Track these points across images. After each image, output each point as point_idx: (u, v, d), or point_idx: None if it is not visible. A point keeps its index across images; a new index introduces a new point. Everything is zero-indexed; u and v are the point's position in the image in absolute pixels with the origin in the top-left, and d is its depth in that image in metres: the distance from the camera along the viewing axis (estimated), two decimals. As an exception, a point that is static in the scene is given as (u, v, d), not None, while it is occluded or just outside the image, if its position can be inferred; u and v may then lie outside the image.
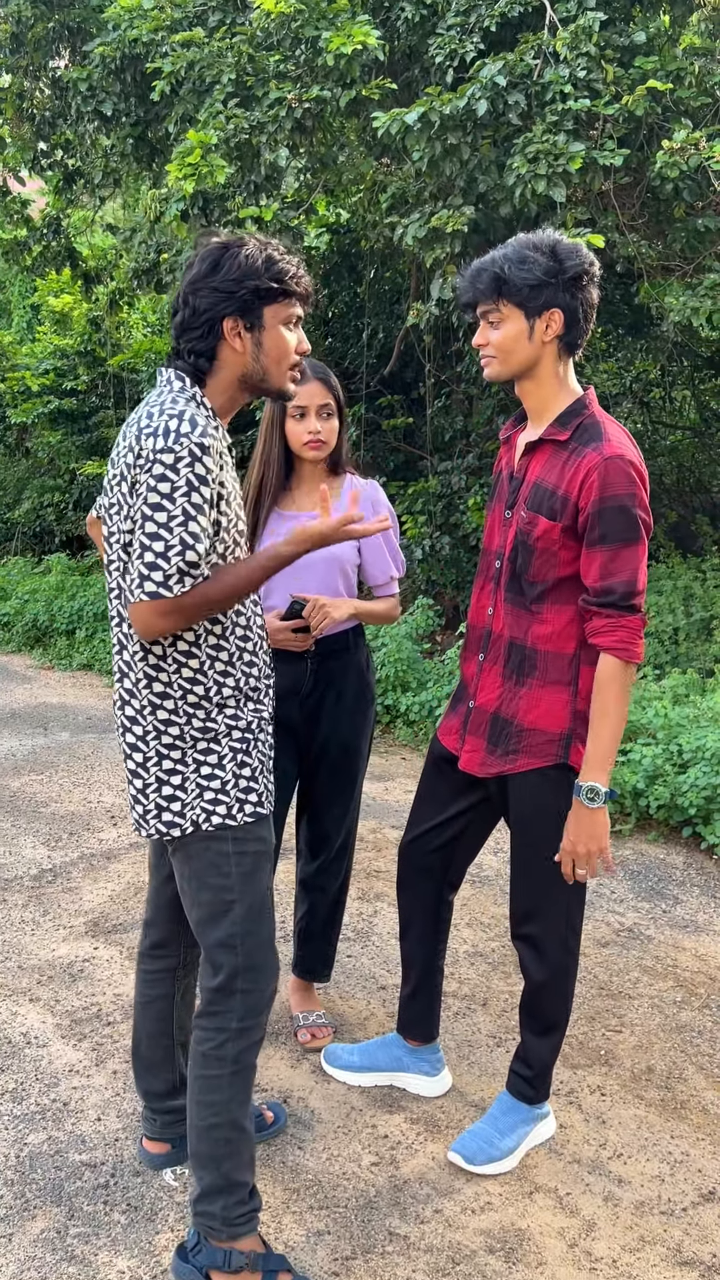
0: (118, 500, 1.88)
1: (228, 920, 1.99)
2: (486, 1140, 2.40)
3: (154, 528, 1.79)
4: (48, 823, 4.45)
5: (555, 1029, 2.41)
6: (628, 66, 5.35)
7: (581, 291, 2.18)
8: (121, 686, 1.98)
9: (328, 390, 2.57)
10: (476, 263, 2.22)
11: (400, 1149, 2.45)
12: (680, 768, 4.50)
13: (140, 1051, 2.31)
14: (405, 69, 6.33)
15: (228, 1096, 2.01)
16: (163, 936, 2.28)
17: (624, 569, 2.11)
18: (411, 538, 7.71)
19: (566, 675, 2.24)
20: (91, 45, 6.45)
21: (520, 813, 2.31)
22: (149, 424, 1.82)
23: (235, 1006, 2.01)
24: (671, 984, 3.25)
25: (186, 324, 1.91)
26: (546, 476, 2.21)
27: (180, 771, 1.95)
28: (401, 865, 2.59)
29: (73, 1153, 2.41)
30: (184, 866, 2.01)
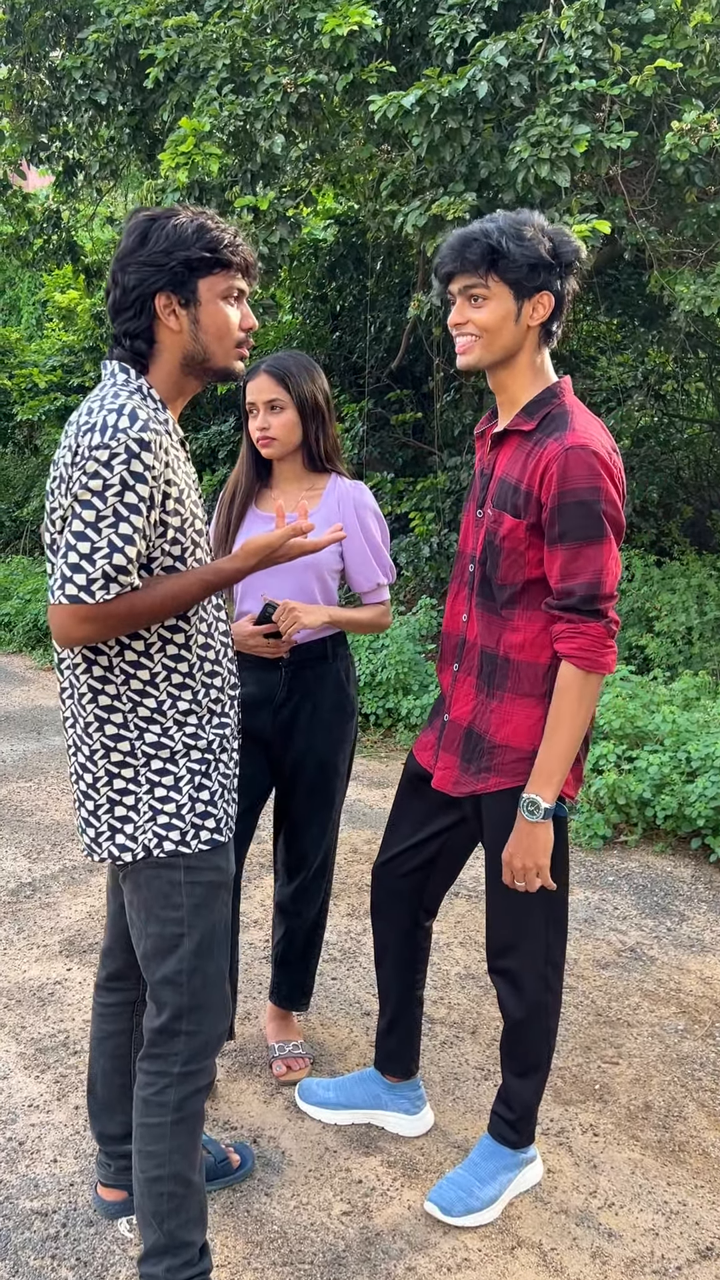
0: (58, 504, 1.72)
1: (175, 956, 1.83)
2: (465, 1189, 2.24)
3: (80, 526, 1.63)
4: (31, 833, 4.31)
5: (536, 1069, 2.24)
6: (635, 45, 5.15)
7: (568, 279, 2.01)
8: (71, 702, 1.82)
9: (277, 383, 2.41)
10: (462, 231, 1.99)
11: (375, 1196, 2.29)
12: (689, 776, 4.31)
13: (95, 1091, 2.16)
14: (406, 52, 6.15)
15: (170, 1147, 1.85)
16: (120, 967, 2.12)
17: (585, 569, 1.93)
18: (420, 535, 7.54)
19: (540, 688, 2.06)
20: (86, 32, 6.31)
21: (493, 836, 2.14)
22: (87, 420, 1.67)
23: (179, 1049, 1.85)
24: (674, 1010, 3.07)
25: (118, 304, 1.76)
26: (511, 471, 2.03)
27: (133, 792, 1.80)
28: (375, 889, 2.42)
29: (24, 1199, 2.26)
30: (133, 895, 1.85)
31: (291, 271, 8.87)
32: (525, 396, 2.06)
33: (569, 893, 2.19)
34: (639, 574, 6.84)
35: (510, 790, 2.08)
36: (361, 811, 4.65)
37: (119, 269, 1.75)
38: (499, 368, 2.05)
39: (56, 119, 7.47)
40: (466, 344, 2.02)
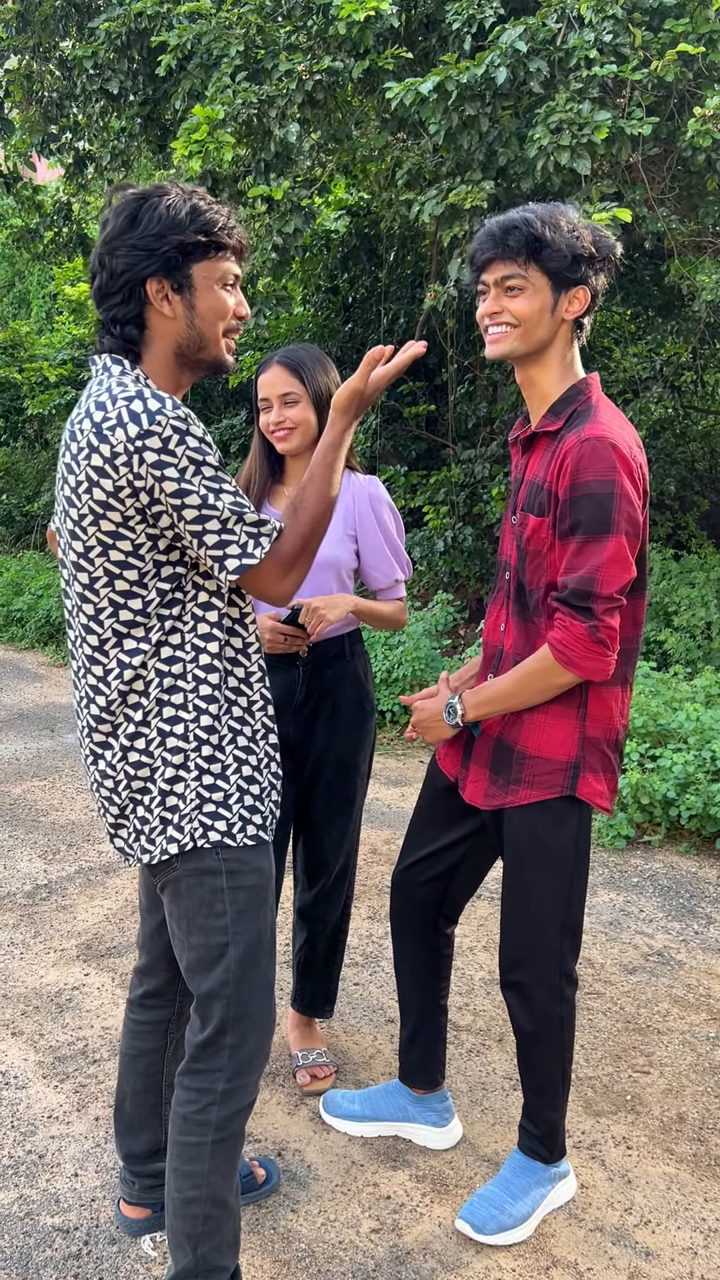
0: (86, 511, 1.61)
1: (220, 966, 1.75)
2: (498, 1206, 2.17)
3: (194, 512, 1.58)
4: (46, 833, 4.26)
5: (553, 1085, 2.16)
6: (656, 30, 5.05)
7: (603, 275, 1.96)
8: (96, 706, 1.72)
9: (292, 375, 2.36)
10: (502, 218, 1.92)
11: (404, 1213, 2.23)
12: (714, 775, 4.23)
13: (123, 1109, 2.09)
14: (422, 38, 6.05)
15: (209, 1168, 1.78)
16: (158, 985, 2.05)
17: (582, 565, 1.86)
18: (434, 528, 7.46)
19: (574, 698, 1.99)
20: (96, 21, 6.22)
21: (514, 846, 2.07)
22: (107, 416, 1.58)
23: (223, 1064, 1.78)
24: (705, 1017, 3.00)
25: (105, 289, 1.67)
26: (539, 472, 1.97)
27: (182, 779, 1.71)
28: (394, 897, 2.36)
29: (45, 1215, 2.20)
30: (173, 905, 1.78)
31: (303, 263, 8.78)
32: (554, 392, 2.00)
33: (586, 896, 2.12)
34: (657, 568, 6.76)
35: (541, 804, 2.01)
36: (380, 811, 4.59)
37: (106, 252, 1.66)
38: (529, 362, 2.00)
39: (67, 110, 7.39)
40: (500, 334, 1.96)
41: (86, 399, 1.64)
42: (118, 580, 1.64)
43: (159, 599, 1.66)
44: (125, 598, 1.65)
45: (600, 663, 1.89)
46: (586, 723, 1.99)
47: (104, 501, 1.59)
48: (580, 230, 1.91)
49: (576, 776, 2.00)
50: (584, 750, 2.00)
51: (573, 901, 2.06)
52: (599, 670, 1.90)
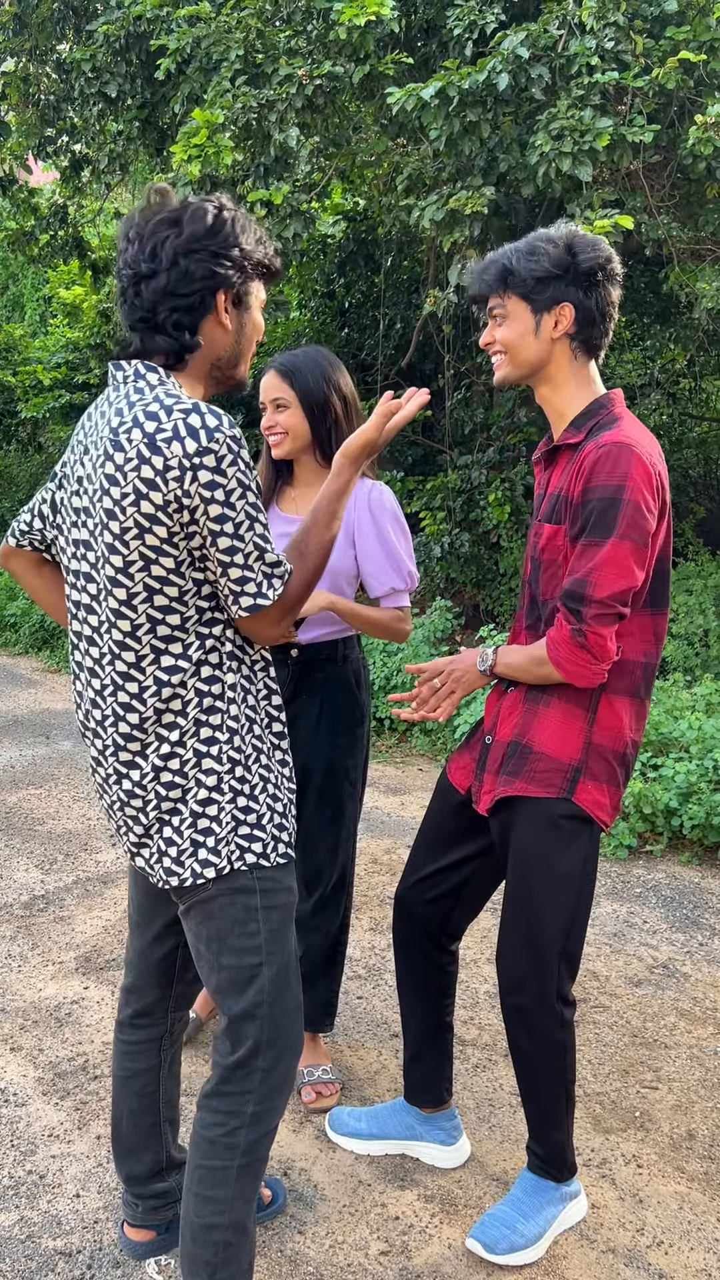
0: (131, 525, 1.57)
1: (254, 987, 1.72)
2: (509, 1225, 2.14)
3: (227, 541, 1.57)
4: (43, 843, 4.21)
5: (555, 1107, 2.13)
6: (658, 37, 5.04)
7: (598, 288, 1.95)
8: (127, 724, 1.66)
9: (283, 380, 2.38)
10: (489, 255, 2.02)
11: (413, 1233, 2.19)
12: (716, 784, 4.21)
13: (120, 1132, 2.05)
14: (422, 44, 6.04)
15: (233, 1193, 1.73)
16: (148, 1004, 2.01)
17: (581, 566, 1.86)
18: (430, 534, 7.43)
19: (584, 701, 1.98)
20: (95, 24, 6.19)
21: (518, 861, 2.03)
22: (161, 428, 1.54)
23: (254, 1086, 1.74)
24: (712, 1030, 2.97)
25: (171, 289, 1.62)
26: (561, 484, 1.97)
27: (216, 801, 1.67)
28: (396, 913, 2.32)
29: (46, 1237, 2.16)
30: (202, 926, 1.73)
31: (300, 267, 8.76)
32: (572, 410, 2.01)
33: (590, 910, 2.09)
34: (655, 575, 6.74)
35: (537, 803, 1.98)
36: (379, 820, 4.55)
37: (183, 251, 1.61)
38: (535, 383, 2.05)
39: (64, 112, 7.36)
40: (497, 362, 2.04)
41: (128, 407, 1.59)
42: (157, 595, 1.60)
43: (198, 616, 1.63)
44: (164, 613, 1.61)
45: (583, 669, 1.88)
46: (594, 728, 1.97)
47: (151, 515, 1.55)
48: (556, 251, 1.93)
49: (576, 781, 1.97)
50: (587, 755, 1.97)
51: (575, 927, 2.03)
52: (582, 676, 1.89)
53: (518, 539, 7.22)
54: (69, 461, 1.72)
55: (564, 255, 1.93)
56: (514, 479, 7.30)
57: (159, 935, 1.97)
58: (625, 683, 1.96)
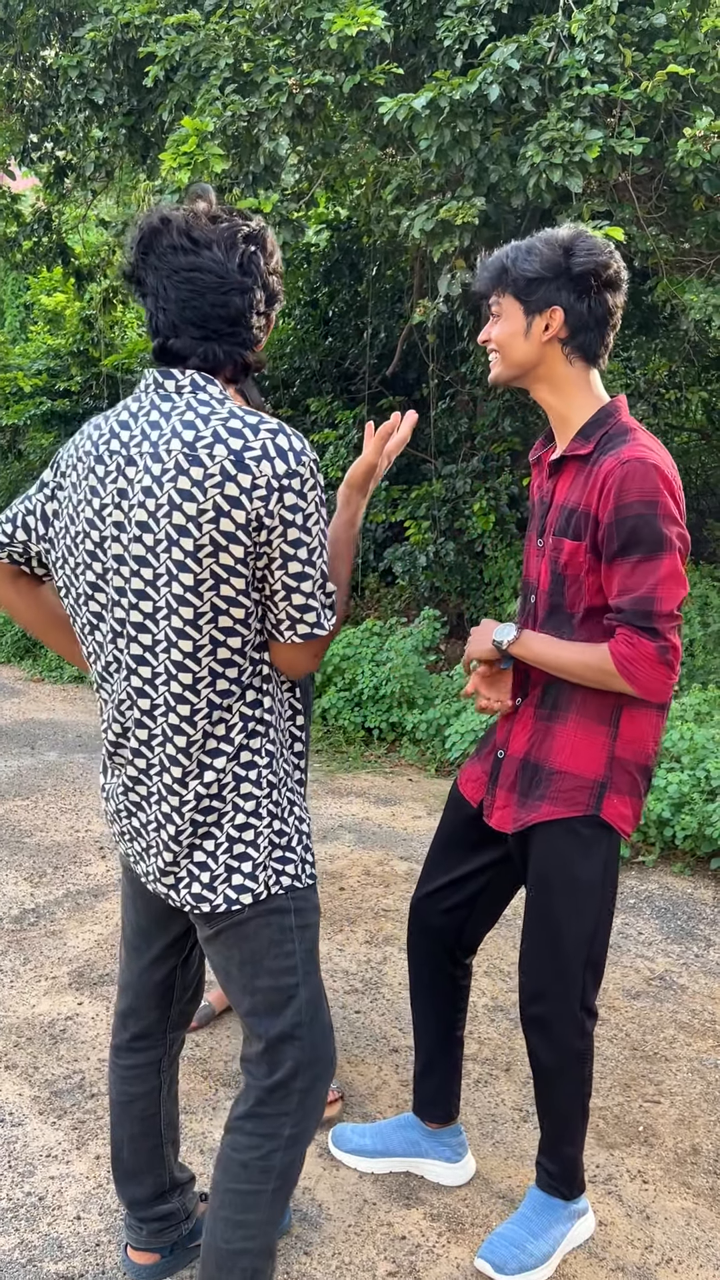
0: (207, 543, 1.52)
1: (291, 1009, 1.70)
2: (518, 1244, 2.11)
3: (298, 567, 1.56)
4: (31, 855, 4.16)
5: (573, 1121, 2.12)
6: (646, 51, 5.06)
7: (592, 293, 1.91)
8: (174, 746, 1.61)
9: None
10: (495, 252, 2.01)
11: (420, 1254, 2.16)
12: (709, 795, 4.21)
13: (121, 1157, 2.00)
14: (411, 54, 6.05)
15: (265, 1217, 1.70)
16: (146, 1026, 1.96)
17: (641, 584, 1.82)
18: (415, 543, 7.43)
19: (606, 715, 1.96)
20: (82, 31, 6.16)
21: (541, 875, 2.02)
22: (249, 446, 1.51)
23: (292, 1108, 1.71)
24: (712, 1043, 2.96)
25: (261, 308, 1.61)
26: (570, 496, 1.95)
27: (253, 825, 1.65)
28: (412, 924, 2.30)
29: (48, 1261, 2.12)
30: (233, 949, 1.69)
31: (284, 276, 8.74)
32: (575, 416, 1.98)
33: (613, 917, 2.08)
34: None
35: (564, 821, 1.97)
36: (371, 831, 4.53)
37: (272, 271, 1.62)
38: (528, 384, 2.03)
39: (48, 119, 7.32)
40: (492, 360, 2.03)
41: (202, 421, 1.54)
42: (222, 616, 1.56)
43: (255, 639, 1.61)
44: (226, 635, 1.57)
45: (663, 684, 1.85)
46: (617, 742, 1.95)
47: (231, 534, 1.51)
48: (553, 253, 1.90)
49: (602, 796, 1.96)
50: (612, 770, 1.96)
51: (599, 933, 2.01)
52: (661, 691, 1.85)
53: (502, 548, 7.22)
54: (76, 472, 1.63)
55: (559, 257, 1.90)
56: (499, 488, 7.31)
57: (159, 958, 1.93)
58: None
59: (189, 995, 2.00)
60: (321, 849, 4.29)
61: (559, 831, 1.99)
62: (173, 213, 1.58)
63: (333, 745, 5.68)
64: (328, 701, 5.79)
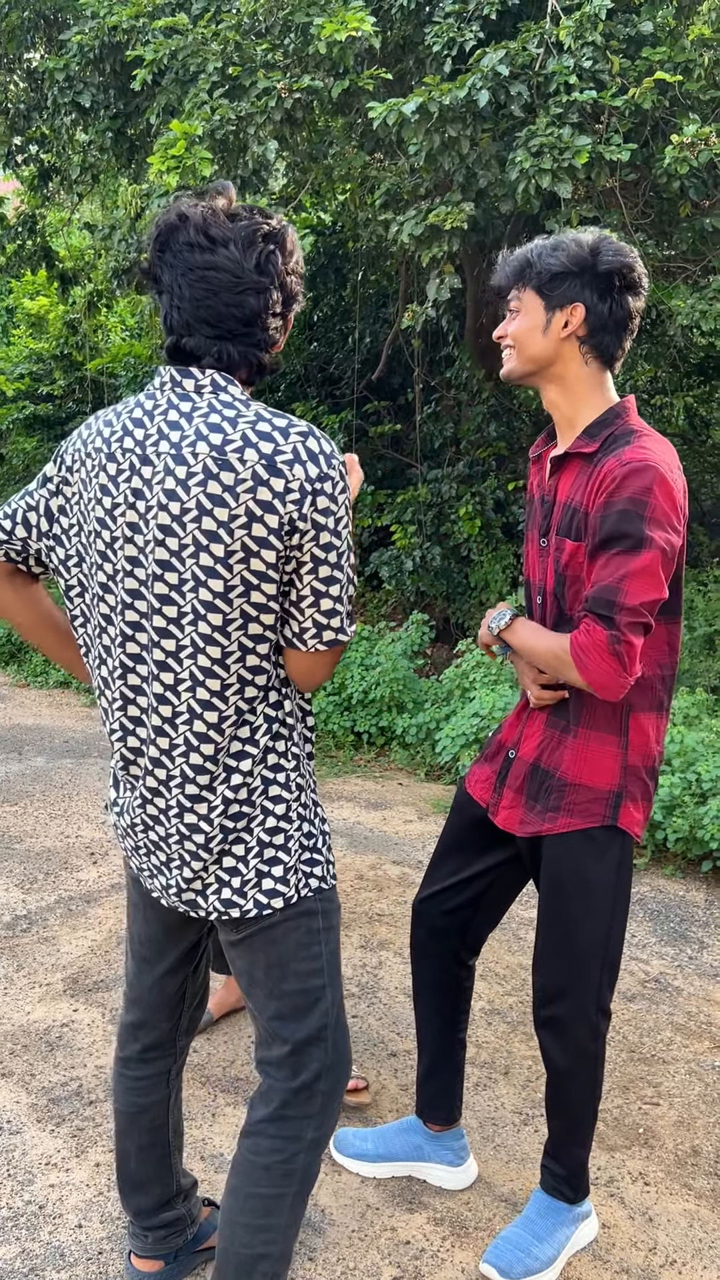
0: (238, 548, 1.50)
1: (318, 1011, 1.70)
2: (523, 1248, 2.11)
3: (328, 571, 1.54)
4: (22, 861, 4.13)
5: (584, 1122, 2.12)
6: (634, 58, 5.10)
7: (614, 293, 1.91)
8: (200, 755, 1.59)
9: None
10: (517, 250, 2.00)
11: (425, 1258, 2.16)
12: (700, 798, 4.23)
13: (128, 1167, 1.97)
14: (399, 60, 6.06)
15: (287, 1221, 1.69)
16: (158, 1038, 1.94)
17: (609, 576, 1.81)
18: (401, 548, 7.43)
19: (615, 724, 1.96)
20: (68, 34, 6.15)
21: (554, 878, 2.02)
22: (279, 449, 1.49)
23: (315, 1110, 1.71)
24: (708, 1045, 2.97)
25: (275, 310, 1.59)
26: (573, 495, 1.93)
27: (283, 830, 1.64)
28: (415, 926, 2.30)
29: (50, 1270, 2.10)
30: (261, 953, 1.68)
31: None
32: (582, 417, 1.97)
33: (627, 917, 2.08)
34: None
35: (582, 832, 1.97)
36: (362, 835, 4.52)
37: (290, 272, 1.60)
38: (539, 382, 2.01)
39: (34, 122, 7.29)
40: (506, 355, 2.01)
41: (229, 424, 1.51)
42: (252, 623, 1.54)
43: (278, 646, 1.60)
44: (255, 641, 1.55)
45: (612, 677, 1.82)
46: (629, 750, 1.96)
47: (263, 539, 1.49)
48: (578, 250, 1.90)
49: (619, 806, 1.96)
50: (626, 779, 1.96)
51: (614, 934, 2.01)
52: (609, 685, 1.83)
53: (488, 552, 7.23)
54: (85, 468, 1.59)
55: (585, 255, 1.89)
56: (484, 493, 7.33)
57: (173, 968, 1.90)
58: (648, 698, 1.95)
59: (198, 1002, 1.98)
60: (313, 853, 4.28)
61: (576, 839, 1.99)
62: (191, 209, 1.54)
63: (322, 750, 5.67)
64: (317, 706, 5.78)
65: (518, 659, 2.06)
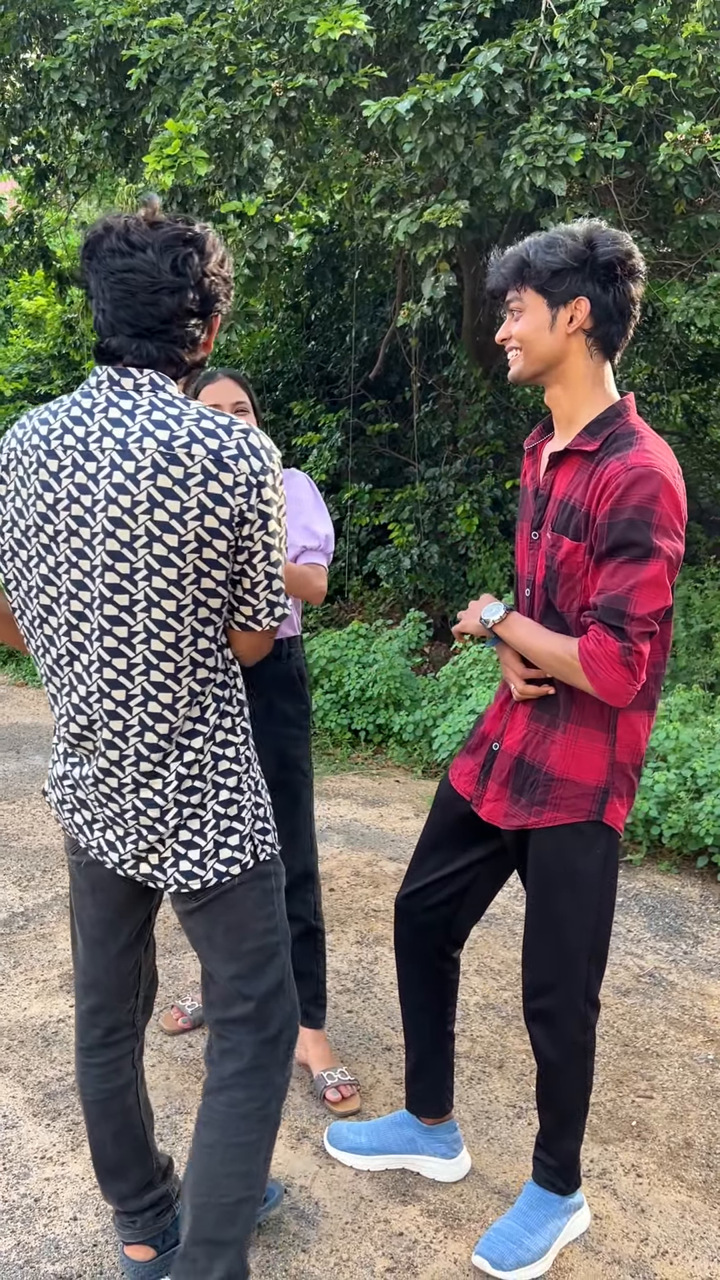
0: (191, 539, 1.58)
1: (275, 965, 1.84)
2: (515, 1240, 2.12)
3: (277, 555, 1.68)
4: (19, 859, 4.14)
5: (576, 1114, 2.13)
6: (628, 55, 5.11)
7: (616, 283, 1.90)
8: (154, 735, 1.67)
9: (239, 386, 2.56)
10: (509, 249, 1.99)
11: (418, 1249, 2.17)
12: (695, 794, 4.24)
13: (104, 1155, 1.99)
14: (394, 58, 6.07)
15: (261, 1163, 1.84)
16: (118, 1019, 1.97)
17: (619, 585, 1.82)
18: (399, 546, 7.44)
19: (603, 720, 1.97)
20: (64, 34, 6.15)
21: (541, 872, 2.03)
22: (225, 445, 1.59)
23: (282, 1055, 1.85)
24: (702, 1039, 2.98)
25: (196, 307, 1.66)
26: (572, 493, 1.93)
27: (236, 801, 1.76)
28: (398, 922, 2.31)
29: (45, 1263, 2.11)
30: (219, 918, 1.79)
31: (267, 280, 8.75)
32: (584, 414, 1.97)
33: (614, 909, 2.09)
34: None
35: (569, 826, 1.98)
36: (359, 832, 4.53)
37: (207, 273, 1.65)
38: (549, 381, 1.99)
39: (30, 121, 7.30)
40: (513, 358, 2.00)
41: (174, 421, 1.58)
42: (201, 608, 1.63)
43: (225, 628, 1.71)
44: (204, 625, 1.65)
45: (623, 686, 1.85)
46: (616, 747, 1.97)
47: (215, 529, 1.59)
48: (575, 244, 1.90)
49: (606, 802, 1.97)
50: (613, 775, 1.97)
51: (601, 927, 2.02)
52: (619, 694, 1.85)
53: (486, 550, 7.24)
54: (22, 466, 1.64)
55: (582, 248, 1.89)
56: (482, 491, 7.34)
57: (127, 946, 1.94)
58: (640, 697, 1.96)
59: (150, 979, 2.02)
60: (310, 850, 4.30)
61: (562, 833, 2.00)
62: (116, 220, 1.65)
63: (319, 747, 5.68)
64: (315, 704, 5.80)
65: (504, 653, 2.07)
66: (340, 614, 8.06)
